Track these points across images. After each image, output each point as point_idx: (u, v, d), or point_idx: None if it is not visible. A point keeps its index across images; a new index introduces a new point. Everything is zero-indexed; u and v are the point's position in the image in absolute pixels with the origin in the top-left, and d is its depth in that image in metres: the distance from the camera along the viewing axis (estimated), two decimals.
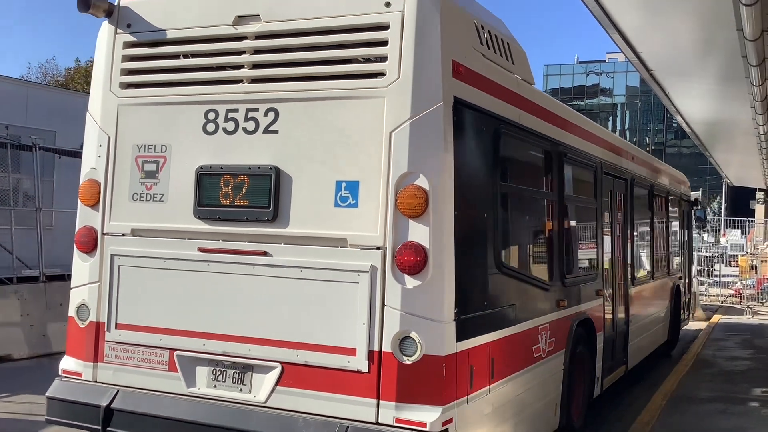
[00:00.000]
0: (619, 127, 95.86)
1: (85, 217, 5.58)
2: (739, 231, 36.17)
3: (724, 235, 37.93)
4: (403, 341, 4.55)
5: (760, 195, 46.53)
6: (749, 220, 37.59)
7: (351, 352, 4.64)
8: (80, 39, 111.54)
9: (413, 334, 4.54)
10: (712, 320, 17.63)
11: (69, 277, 5.87)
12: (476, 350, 4.95)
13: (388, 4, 4.72)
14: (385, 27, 4.72)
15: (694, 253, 17.84)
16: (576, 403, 7.10)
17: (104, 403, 5.25)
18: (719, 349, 13.16)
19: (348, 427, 4.60)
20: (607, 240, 8.56)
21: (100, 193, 5.51)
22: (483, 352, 5.07)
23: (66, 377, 5.58)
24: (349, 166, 4.75)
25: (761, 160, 22.90)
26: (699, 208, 15.63)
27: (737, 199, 59.83)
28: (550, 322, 6.39)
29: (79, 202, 5.63)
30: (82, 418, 5.37)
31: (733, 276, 26.81)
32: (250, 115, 5.06)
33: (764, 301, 21.03)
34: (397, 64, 4.64)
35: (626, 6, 8.82)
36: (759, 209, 47.29)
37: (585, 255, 8.01)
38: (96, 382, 5.44)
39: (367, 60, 4.95)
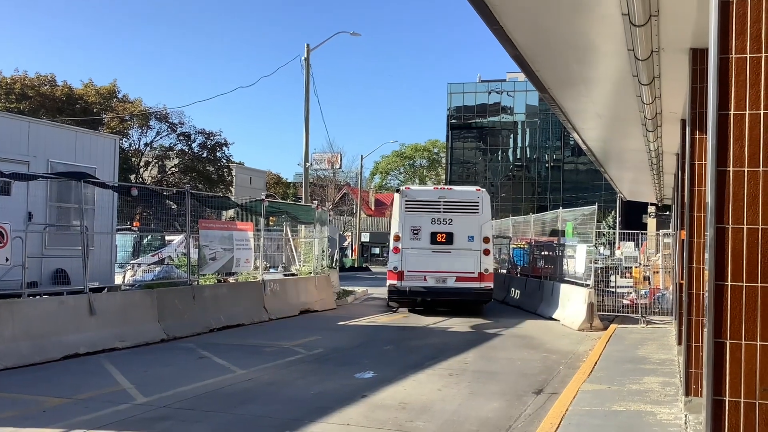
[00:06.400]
0: (519, 144, 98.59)
1: (396, 244, 22.57)
2: (632, 244, 37.67)
3: (618, 247, 39.50)
4: (485, 270, 22.56)
5: (651, 209, 48.83)
6: (642, 233, 39.13)
7: (474, 271, 22.51)
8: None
9: (485, 267, 22.59)
10: (608, 330, 18.30)
11: None
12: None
13: (479, 197, 23.20)
14: (478, 201, 23.15)
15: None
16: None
17: (407, 290, 22.51)
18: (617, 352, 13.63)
19: (473, 288, 22.49)
20: None
21: (400, 238, 22.53)
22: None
23: (390, 286, 22.69)
24: (471, 231, 22.69)
25: (652, 177, 24.01)
26: None
27: (630, 214, 62.51)
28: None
29: (392, 240, 22.99)
30: (400, 295, 22.91)
31: (628, 287, 27.95)
32: (443, 219, 22.74)
33: (656, 310, 22.00)
34: (482, 210, 22.99)
35: (524, 25, 9.09)
36: (651, 223, 49.60)
37: None
38: (401, 286, 22.42)
39: (474, 207, 23.17)
